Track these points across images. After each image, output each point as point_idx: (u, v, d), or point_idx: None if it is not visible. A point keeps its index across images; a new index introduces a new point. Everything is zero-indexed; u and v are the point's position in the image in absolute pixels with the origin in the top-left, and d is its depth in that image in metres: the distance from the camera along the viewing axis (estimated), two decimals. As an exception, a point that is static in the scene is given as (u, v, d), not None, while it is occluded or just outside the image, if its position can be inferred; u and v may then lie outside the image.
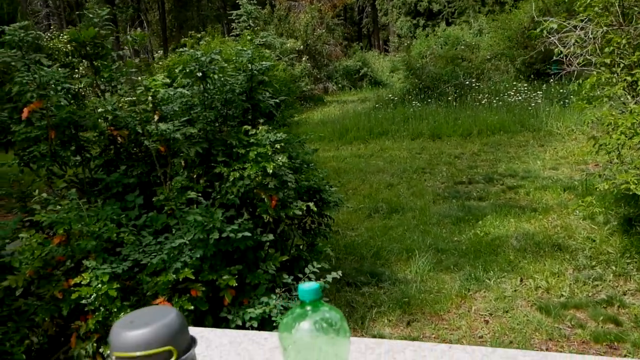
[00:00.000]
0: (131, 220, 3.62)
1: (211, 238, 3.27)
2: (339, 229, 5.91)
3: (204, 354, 1.62)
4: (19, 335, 3.42)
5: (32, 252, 3.30)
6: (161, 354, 0.91)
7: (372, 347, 1.55)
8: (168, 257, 3.23)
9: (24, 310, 3.56)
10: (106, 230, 3.38)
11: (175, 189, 3.55)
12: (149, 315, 0.97)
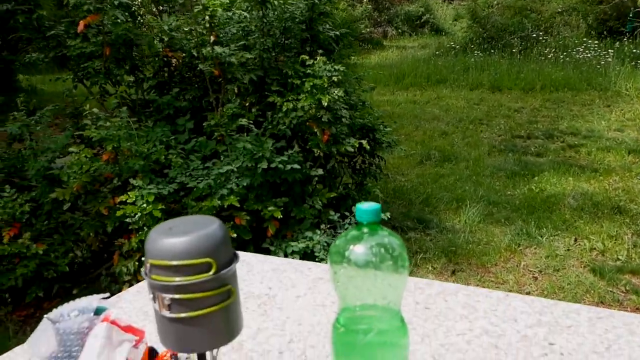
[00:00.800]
0: (180, 144, 3.57)
1: (259, 167, 3.19)
2: (389, 172, 5.78)
3: (245, 278, 1.55)
4: (64, 248, 3.45)
5: (81, 167, 3.28)
6: (199, 265, 0.82)
7: (422, 288, 1.44)
8: (214, 182, 3.17)
9: (70, 224, 3.58)
10: (155, 152, 3.34)
11: (227, 116, 3.47)
12: (190, 224, 0.88)
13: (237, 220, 3.22)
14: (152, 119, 3.75)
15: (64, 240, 3.50)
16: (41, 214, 3.57)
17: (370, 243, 0.80)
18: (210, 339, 0.87)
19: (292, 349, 1.21)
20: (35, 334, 1.14)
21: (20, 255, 3.30)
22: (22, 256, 3.30)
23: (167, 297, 0.84)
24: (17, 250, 3.26)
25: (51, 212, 3.58)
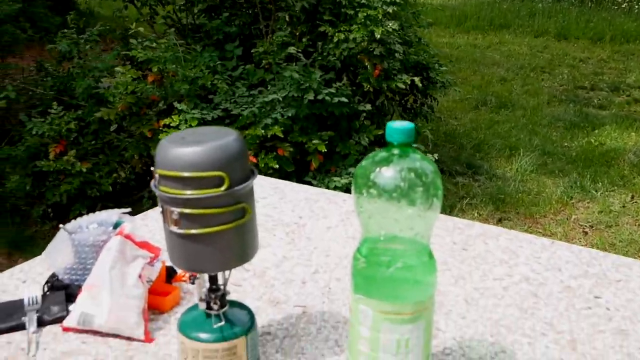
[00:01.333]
0: (227, 70, 3.49)
1: (305, 98, 3.09)
2: (442, 115, 5.61)
3: (275, 205, 1.48)
4: (108, 168, 3.46)
5: (126, 87, 3.25)
6: (210, 179, 0.75)
7: (461, 228, 1.35)
8: (259, 111, 3.09)
9: (116, 146, 3.58)
10: (201, 76, 3.28)
11: (276, 44, 3.36)
12: (205, 134, 0.80)
13: (280, 152, 3.15)
14: (201, 44, 3.67)
15: (108, 160, 3.51)
16: (88, 133, 3.58)
17: (399, 166, 0.71)
18: (221, 260, 0.80)
19: (317, 279, 1.14)
20: (52, 244, 1.10)
21: (65, 172, 3.33)
22: (67, 173, 3.32)
23: (176, 212, 0.77)
24: (62, 167, 3.28)
25: (97, 132, 3.59)
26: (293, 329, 0.99)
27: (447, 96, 6.13)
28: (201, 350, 0.84)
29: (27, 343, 0.96)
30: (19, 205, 3.50)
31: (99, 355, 0.94)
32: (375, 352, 0.76)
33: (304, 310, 1.05)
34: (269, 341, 0.96)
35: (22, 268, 1.21)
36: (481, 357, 0.92)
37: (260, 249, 1.23)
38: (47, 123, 3.36)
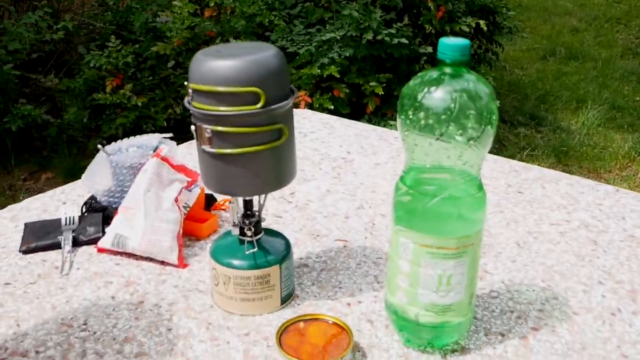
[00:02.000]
0: (286, 8, 3.40)
1: (364, 38, 2.99)
2: (507, 64, 5.39)
3: (324, 140, 1.43)
4: (163, 104, 3.46)
5: (182, 22, 3.20)
6: (245, 95, 0.70)
7: (518, 171, 1.27)
8: (316, 50, 3.01)
9: (172, 82, 3.57)
10: (259, 13, 3.20)
11: (336, -19, 3.24)
12: (242, 48, 0.75)
13: (336, 92, 3.07)
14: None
15: (164, 96, 3.50)
16: (145, 68, 3.57)
17: (451, 87, 0.64)
18: (255, 183, 0.76)
19: (360, 215, 1.09)
20: (92, 166, 1.07)
21: (121, 105, 3.34)
22: (123, 107, 3.34)
23: (209, 130, 0.72)
24: (119, 100, 3.29)
25: (154, 68, 3.57)
26: (332, 262, 0.95)
27: (514, 45, 5.87)
28: (232, 277, 0.80)
29: (61, 262, 0.95)
30: (76, 137, 3.55)
31: (132, 277, 0.92)
32: (414, 288, 0.71)
33: (345, 244, 1.00)
34: (306, 273, 0.92)
35: (64, 190, 1.20)
36: (530, 302, 0.85)
37: (303, 182, 1.18)
38: (104, 56, 3.37)
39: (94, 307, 0.85)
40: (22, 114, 3.28)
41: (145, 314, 0.83)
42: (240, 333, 0.79)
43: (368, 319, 0.82)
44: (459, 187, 0.68)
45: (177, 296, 0.87)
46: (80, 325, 0.81)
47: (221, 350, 0.76)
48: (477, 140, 0.65)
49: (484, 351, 0.76)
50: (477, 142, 0.65)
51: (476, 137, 0.64)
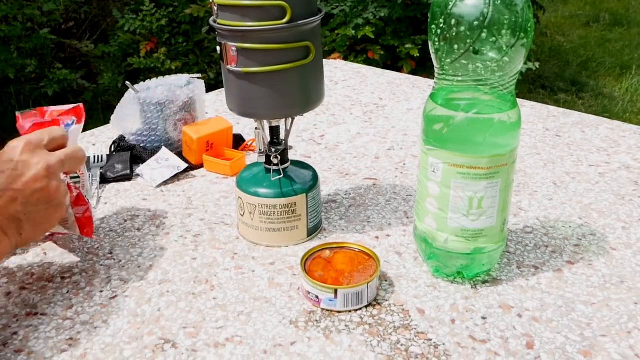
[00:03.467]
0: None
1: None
2: (548, 31, 5.25)
3: (355, 87, 1.40)
4: (197, 68, 3.46)
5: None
6: (270, 9, 0.67)
7: (556, 116, 1.23)
8: (350, 10, 2.96)
9: (206, 47, 3.56)
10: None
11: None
12: (268, -34, 0.73)
13: (370, 54, 3.03)
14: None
15: (198, 60, 3.50)
16: (179, 33, 3.57)
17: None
18: (281, 104, 0.74)
19: (391, 155, 1.07)
20: (120, 106, 1.07)
21: (155, 70, 3.35)
22: (157, 71, 3.35)
23: (234, 47, 0.70)
24: (153, 64, 3.30)
25: (188, 32, 3.57)
26: (360, 199, 0.93)
27: (556, 12, 5.73)
28: (258, 206, 0.79)
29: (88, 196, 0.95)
30: (110, 102, 3.57)
31: (158, 211, 0.91)
32: (444, 212, 0.69)
33: (375, 182, 0.98)
34: (334, 208, 0.90)
35: (94, 132, 1.20)
36: (566, 237, 0.82)
37: (334, 125, 1.16)
38: (139, 20, 3.38)
39: (120, 238, 0.84)
40: (58, 79, 3.31)
41: (170, 245, 0.82)
42: (266, 262, 0.78)
43: (396, 251, 0.80)
44: (491, 103, 0.65)
45: (203, 228, 0.86)
46: (105, 254, 0.81)
47: (245, 277, 0.75)
48: (511, 50, 0.61)
49: (516, 283, 0.73)
50: (511, 52, 0.61)
51: (510, 47, 0.61)
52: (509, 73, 0.63)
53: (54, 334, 0.66)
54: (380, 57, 3.03)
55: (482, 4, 0.60)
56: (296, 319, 0.68)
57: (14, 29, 3.13)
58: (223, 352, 0.63)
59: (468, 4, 0.61)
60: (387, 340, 0.64)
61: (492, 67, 0.62)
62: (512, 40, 0.61)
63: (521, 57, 0.63)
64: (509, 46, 0.61)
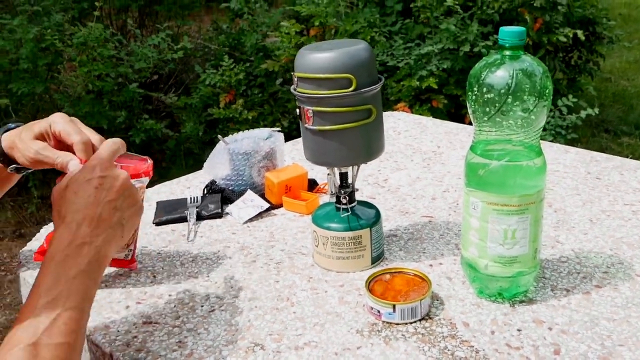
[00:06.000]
0: (387, 26, 3.56)
1: (461, 50, 3.09)
2: (612, 76, 5.29)
3: (416, 137, 1.56)
4: (272, 117, 3.69)
5: (290, 40, 3.43)
6: (339, 80, 0.85)
7: (598, 161, 1.35)
8: (415, 63, 3.14)
9: (280, 97, 3.79)
10: (361, 31, 3.38)
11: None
12: (337, 43, 0.90)
13: (434, 103, 3.19)
14: (363, 0, 3.76)
15: (272, 110, 3.74)
16: (254, 85, 3.83)
17: (510, 67, 0.76)
18: (348, 155, 0.90)
19: (446, 197, 1.21)
20: (212, 155, 1.26)
21: (233, 119, 3.60)
22: (235, 120, 3.59)
23: (310, 110, 0.88)
24: (231, 115, 3.55)
25: (264, 84, 3.82)
26: (418, 233, 1.08)
27: (620, 57, 5.75)
28: (330, 238, 0.95)
29: (187, 231, 1.13)
30: (192, 149, 3.84)
31: (246, 243, 1.08)
32: (483, 242, 0.83)
33: (430, 220, 1.12)
34: (395, 241, 1.05)
35: (187, 178, 1.39)
36: (597, 265, 0.94)
37: (396, 170, 1.32)
38: (219, 74, 3.65)
39: (215, 264, 1.02)
40: (144, 128, 3.60)
41: (256, 270, 0.99)
42: (336, 284, 0.94)
43: (447, 276, 0.94)
44: (520, 153, 0.80)
45: (283, 257, 1.03)
46: (204, 278, 0.98)
47: (320, 297, 0.91)
48: (532, 112, 0.76)
49: (549, 302, 0.86)
50: (533, 113, 0.76)
51: (532, 108, 0.76)
52: (533, 128, 0.78)
53: (165, 338, 0.84)
54: (444, 105, 3.18)
55: (507, 76, 0.76)
56: (361, 329, 0.83)
57: (107, 84, 3.45)
58: (302, 353, 0.79)
59: (496, 76, 0.76)
60: (437, 347, 0.79)
61: (519, 124, 0.77)
62: (533, 103, 0.76)
63: (543, 115, 0.78)
64: (531, 108, 0.76)
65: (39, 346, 0.65)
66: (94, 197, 0.76)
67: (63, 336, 0.67)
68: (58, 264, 0.71)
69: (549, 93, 0.77)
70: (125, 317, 0.89)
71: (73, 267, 0.71)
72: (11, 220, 3.39)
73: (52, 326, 0.67)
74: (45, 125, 0.86)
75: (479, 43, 3.12)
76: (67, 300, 0.69)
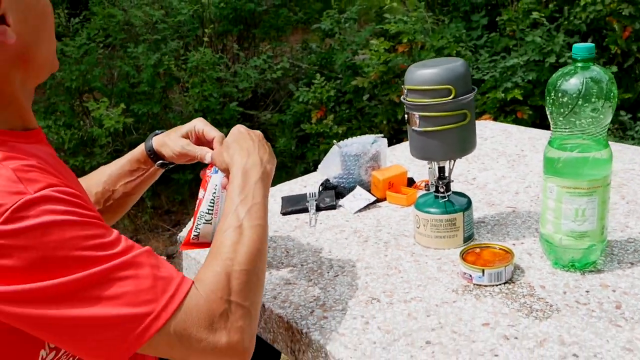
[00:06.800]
0: (472, 40, 3.73)
1: (547, 62, 3.23)
2: None
3: (501, 142, 1.74)
4: (360, 132, 3.91)
5: (379, 57, 3.66)
6: (441, 90, 1.06)
7: (671, 160, 1.50)
8: (500, 75, 3.30)
9: (367, 113, 4.02)
10: (447, 46, 3.57)
11: (521, 11, 3.52)
12: (439, 61, 1.11)
13: (519, 114, 3.33)
14: (449, 16, 3.95)
15: (360, 125, 3.97)
16: (344, 101, 4.08)
17: (581, 75, 0.96)
18: (446, 151, 1.12)
19: (528, 191, 1.40)
20: (326, 158, 1.50)
21: (324, 134, 3.86)
22: (325, 135, 3.85)
23: (417, 115, 1.10)
24: (322, 130, 3.81)
25: (352, 101, 4.07)
26: (502, 220, 1.27)
27: None
28: (430, 220, 1.16)
29: (309, 219, 1.37)
30: (285, 163, 4.12)
31: (358, 227, 1.31)
32: (558, 219, 1.02)
33: (514, 209, 1.32)
34: (482, 226, 1.25)
35: (303, 179, 1.64)
36: (660, 244, 1.11)
37: (483, 170, 1.52)
38: (310, 92, 3.92)
39: (334, 243, 1.25)
40: (243, 144, 3.91)
41: (369, 247, 1.21)
42: (434, 258, 1.15)
43: (528, 252, 1.13)
44: (589, 146, 0.99)
45: (390, 238, 1.25)
46: (326, 252, 1.21)
47: (421, 266, 1.12)
48: (599, 111, 0.95)
49: (615, 272, 1.04)
50: (600, 112, 0.95)
51: (599, 109, 0.95)
52: (600, 125, 0.97)
53: (303, 294, 1.07)
54: (528, 116, 3.32)
55: (579, 83, 0.95)
56: (456, 289, 1.04)
57: (211, 103, 3.78)
58: (409, 305, 1.00)
59: (570, 83, 0.96)
60: (518, 302, 0.98)
61: (588, 122, 0.96)
62: (600, 104, 0.95)
63: (609, 114, 0.97)
64: (599, 108, 0.95)
65: (242, 227, 0.92)
66: (248, 136, 1.07)
67: (257, 219, 0.94)
68: (243, 175, 0.99)
69: (613, 96, 0.96)
70: (268, 279, 1.13)
71: (252, 176, 0.99)
72: (129, 228, 3.76)
73: (249, 214, 0.94)
74: (190, 127, 1.17)
75: (564, 54, 3.24)
76: (254, 197, 0.97)
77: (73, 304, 0.74)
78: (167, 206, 4.04)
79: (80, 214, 0.77)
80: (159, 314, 0.78)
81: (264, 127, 4.41)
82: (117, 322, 0.76)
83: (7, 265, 0.72)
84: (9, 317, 0.74)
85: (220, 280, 0.86)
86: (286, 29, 4.80)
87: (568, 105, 0.96)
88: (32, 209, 0.73)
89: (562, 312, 0.95)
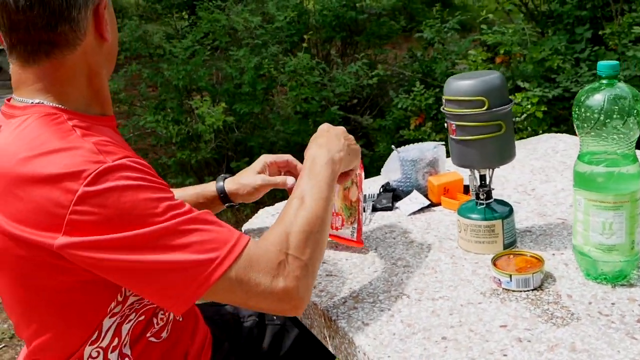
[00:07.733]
0: (575, 53, 3.66)
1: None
2: None
3: (571, 156, 1.75)
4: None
5: (477, 68, 3.66)
6: (476, 101, 1.11)
7: None
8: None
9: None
10: (548, 58, 3.52)
11: (625, 25, 3.42)
12: (477, 74, 1.17)
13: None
14: (552, 28, 3.89)
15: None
16: (443, 109, 4.10)
17: (605, 92, 0.98)
18: (484, 160, 1.17)
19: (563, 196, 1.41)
20: (387, 162, 1.58)
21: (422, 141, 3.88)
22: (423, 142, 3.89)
23: (454, 124, 1.16)
24: (420, 136, 3.86)
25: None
26: (549, 230, 1.30)
27: None
28: (470, 225, 1.22)
29: (364, 218, 1.46)
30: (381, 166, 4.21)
31: (408, 229, 1.38)
32: (587, 231, 1.05)
33: (564, 221, 1.34)
34: (528, 235, 1.29)
35: (368, 180, 1.72)
36: (699, 263, 1.11)
37: (545, 182, 1.55)
38: (410, 99, 3.98)
39: (381, 242, 1.33)
40: (342, 147, 4.03)
41: (412, 248, 1.28)
42: (472, 262, 1.20)
43: (564, 263, 1.16)
44: (616, 161, 1.01)
45: (435, 240, 1.31)
46: (372, 249, 1.29)
47: (457, 268, 1.18)
48: (623, 127, 0.98)
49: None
50: (625, 127, 0.98)
51: (623, 124, 0.98)
52: (626, 140, 1.00)
53: (340, 285, 1.16)
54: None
55: (601, 100, 0.98)
56: (484, 291, 1.09)
57: (312, 106, 3.93)
58: (437, 302, 1.07)
59: (593, 99, 1.00)
60: (540, 308, 1.02)
61: (613, 138, 0.99)
62: (625, 121, 0.98)
63: (636, 130, 0.99)
64: (624, 124, 0.98)
65: (304, 199, 1.05)
66: (326, 132, 1.21)
67: (321, 193, 1.06)
68: (312, 160, 1.13)
69: (637, 113, 0.98)
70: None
71: (320, 162, 1.12)
72: (231, 220, 3.98)
73: (312, 189, 1.07)
74: (262, 163, 1.34)
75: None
76: (318, 177, 1.09)
77: (147, 251, 0.88)
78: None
79: (151, 180, 0.92)
80: (222, 261, 0.90)
81: (365, 132, 4.52)
82: (185, 267, 0.89)
83: (90, 220, 0.87)
84: (91, 264, 0.89)
85: (280, 237, 0.98)
86: (390, 36, 4.89)
87: (591, 120, 0.99)
88: (111, 174, 0.88)
89: (581, 321, 0.98)
